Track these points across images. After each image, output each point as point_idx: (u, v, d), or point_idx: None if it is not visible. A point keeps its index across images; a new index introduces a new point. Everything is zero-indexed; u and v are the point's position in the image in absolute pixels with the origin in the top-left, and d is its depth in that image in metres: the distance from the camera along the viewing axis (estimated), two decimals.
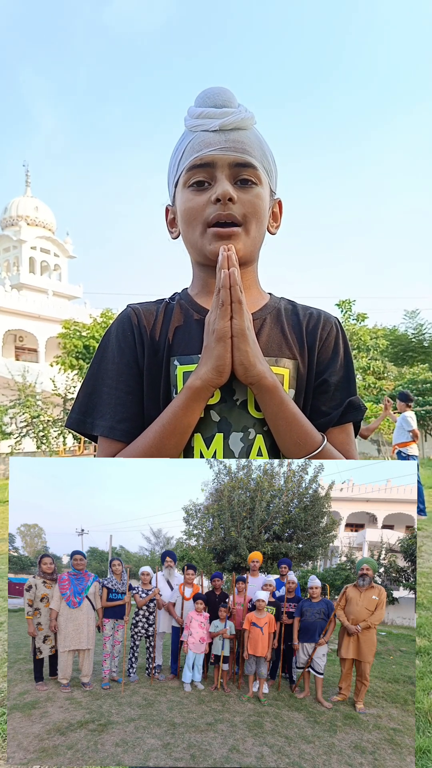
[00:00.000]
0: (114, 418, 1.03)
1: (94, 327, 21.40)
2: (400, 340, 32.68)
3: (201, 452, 1.00)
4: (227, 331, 0.94)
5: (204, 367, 0.95)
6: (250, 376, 0.95)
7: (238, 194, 1.01)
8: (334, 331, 1.10)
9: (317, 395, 1.07)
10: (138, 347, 1.06)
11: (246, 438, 1.00)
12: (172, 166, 1.09)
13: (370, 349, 25.62)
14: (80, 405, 1.07)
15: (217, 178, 1.01)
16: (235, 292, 0.94)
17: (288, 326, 1.09)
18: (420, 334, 32.41)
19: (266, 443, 1.01)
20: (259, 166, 1.04)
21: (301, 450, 0.98)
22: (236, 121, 1.01)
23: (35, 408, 19.76)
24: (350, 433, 1.08)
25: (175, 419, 0.96)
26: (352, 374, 1.10)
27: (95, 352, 1.10)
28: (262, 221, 1.06)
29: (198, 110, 1.03)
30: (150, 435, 0.98)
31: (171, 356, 1.04)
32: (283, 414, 0.97)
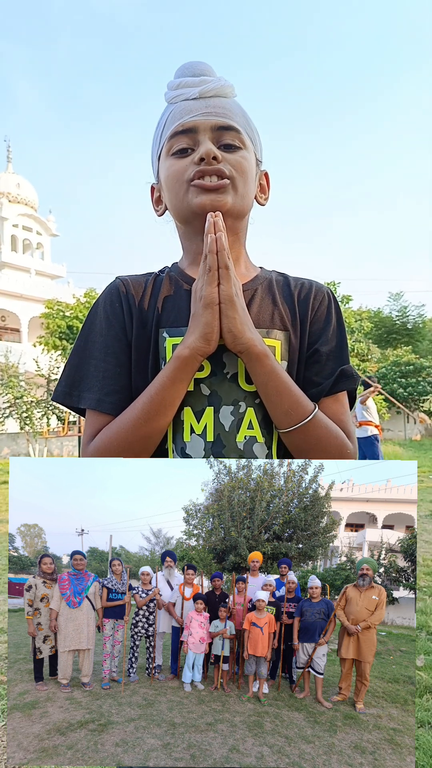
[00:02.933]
0: (102, 390, 1.01)
1: (78, 307, 21.33)
2: (384, 323, 32.85)
3: (191, 426, 0.99)
4: (215, 297, 0.92)
5: (192, 336, 0.93)
6: (239, 344, 0.93)
7: (223, 155, 0.99)
8: (326, 301, 1.09)
9: (309, 365, 1.05)
10: (126, 319, 1.04)
11: (237, 411, 0.99)
12: (155, 139, 1.07)
13: (355, 331, 25.61)
14: (67, 378, 1.05)
15: (200, 141, 0.99)
16: (222, 257, 0.92)
17: (279, 297, 1.07)
18: (404, 317, 32.58)
19: (257, 416, 1.00)
20: (243, 131, 1.02)
21: (292, 419, 0.96)
22: (216, 88, 1.01)
23: (18, 389, 19.61)
24: (344, 403, 1.06)
25: (163, 390, 0.94)
26: (344, 343, 1.08)
27: (82, 325, 1.08)
28: (249, 182, 1.04)
29: (176, 81, 1.03)
30: (138, 406, 0.96)
31: (160, 328, 1.03)
32: (274, 382, 0.95)
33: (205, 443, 0.98)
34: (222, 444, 0.98)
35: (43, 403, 19.96)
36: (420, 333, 32.79)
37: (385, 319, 33.06)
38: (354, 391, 1.09)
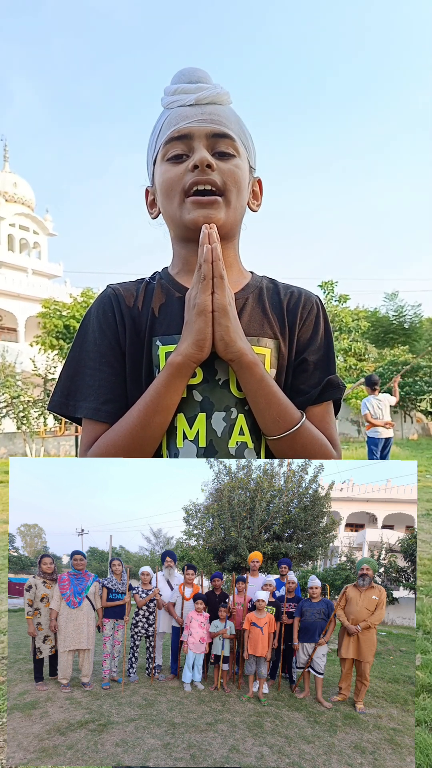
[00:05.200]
0: (98, 399, 1.02)
1: (75, 306, 21.28)
2: (380, 322, 33.00)
3: (184, 432, 1.00)
4: (208, 305, 0.93)
5: (184, 343, 0.94)
6: (231, 353, 0.94)
7: (217, 163, 1.00)
8: (315, 310, 1.10)
9: (297, 374, 1.06)
10: (119, 328, 1.05)
11: (228, 417, 1.00)
12: (151, 144, 1.09)
13: (352, 331, 25.66)
14: (62, 388, 1.06)
15: (195, 148, 1.01)
16: (217, 267, 0.94)
17: (269, 305, 1.08)
18: (400, 316, 32.70)
19: (248, 422, 1.01)
20: (237, 139, 1.04)
21: (279, 427, 0.97)
22: (212, 95, 1.02)
23: (15, 388, 19.58)
24: (330, 412, 1.08)
25: (158, 397, 0.95)
26: (331, 353, 1.09)
27: (76, 334, 1.09)
28: (243, 192, 1.05)
29: (173, 87, 1.04)
30: (134, 414, 0.97)
31: (153, 336, 1.04)
32: (263, 391, 0.96)
33: (198, 449, 0.99)
34: (214, 450, 0.99)
35: (40, 402, 19.93)
36: (417, 333, 32.90)
37: (382, 318, 33.18)
38: (339, 400, 1.11)
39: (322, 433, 1.03)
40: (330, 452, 1.02)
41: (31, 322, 32.35)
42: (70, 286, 35.50)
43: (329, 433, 1.04)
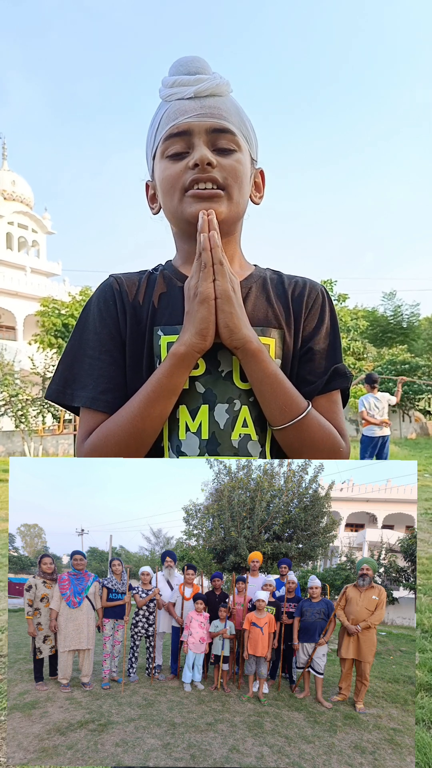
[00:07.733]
0: (96, 389, 1.00)
1: (73, 305, 21.33)
2: (379, 322, 33.15)
3: (186, 424, 0.99)
4: (210, 292, 0.92)
5: (187, 333, 0.93)
6: (236, 339, 0.93)
7: (217, 159, 0.99)
8: (320, 299, 1.09)
9: (303, 363, 1.05)
10: (120, 317, 1.04)
11: (231, 409, 0.99)
12: (149, 138, 1.07)
13: (351, 330, 25.72)
14: (60, 376, 1.05)
15: (195, 145, 0.99)
16: (216, 253, 0.92)
17: (274, 295, 1.07)
18: (398, 316, 32.79)
19: (251, 414, 1.00)
20: (238, 132, 1.02)
21: (285, 416, 0.96)
22: (211, 87, 0.99)
23: (13, 386, 19.61)
24: (337, 401, 1.06)
25: (160, 387, 0.94)
26: (338, 342, 1.08)
27: (76, 323, 1.07)
28: (244, 187, 1.04)
29: (171, 79, 1.01)
30: (134, 404, 0.96)
31: (154, 326, 1.02)
32: (268, 379, 0.95)
33: (200, 441, 0.98)
34: (217, 442, 0.98)
35: (39, 401, 19.94)
36: (415, 332, 32.96)
37: (380, 318, 33.28)
38: (347, 390, 1.10)
39: (330, 422, 1.01)
40: (338, 441, 1.00)
41: (30, 321, 32.33)
42: (68, 285, 35.58)
43: (337, 423, 1.02)
